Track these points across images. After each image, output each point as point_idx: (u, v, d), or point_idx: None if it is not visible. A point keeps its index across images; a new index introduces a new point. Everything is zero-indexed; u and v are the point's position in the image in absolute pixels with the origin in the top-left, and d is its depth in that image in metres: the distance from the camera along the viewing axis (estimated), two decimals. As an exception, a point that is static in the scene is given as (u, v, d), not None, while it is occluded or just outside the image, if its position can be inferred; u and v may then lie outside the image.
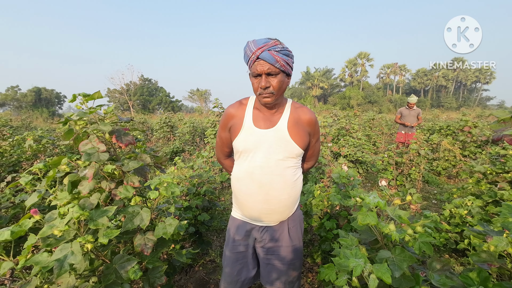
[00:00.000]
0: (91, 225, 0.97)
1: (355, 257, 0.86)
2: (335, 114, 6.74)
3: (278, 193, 1.06)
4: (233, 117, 1.10)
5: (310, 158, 1.27)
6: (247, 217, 1.14)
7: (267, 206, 1.07)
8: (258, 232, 1.14)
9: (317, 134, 1.16)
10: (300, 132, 1.06)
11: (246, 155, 1.07)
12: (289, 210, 1.12)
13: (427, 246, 0.89)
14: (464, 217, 2.17)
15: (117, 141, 1.09)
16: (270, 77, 0.97)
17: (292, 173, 1.08)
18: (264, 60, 0.94)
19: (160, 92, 41.95)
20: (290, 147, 1.05)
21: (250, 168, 1.06)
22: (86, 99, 1.07)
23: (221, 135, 1.17)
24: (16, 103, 37.05)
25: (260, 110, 1.08)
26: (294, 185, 1.09)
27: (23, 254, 0.93)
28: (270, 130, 1.04)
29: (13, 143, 3.58)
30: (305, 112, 1.09)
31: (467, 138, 5.10)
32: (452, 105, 43.01)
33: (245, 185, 1.08)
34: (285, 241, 1.14)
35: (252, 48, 0.95)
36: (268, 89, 0.97)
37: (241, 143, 1.06)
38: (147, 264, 1.14)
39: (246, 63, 1.00)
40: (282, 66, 0.95)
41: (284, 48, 0.96)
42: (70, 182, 1.11)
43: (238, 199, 1.14)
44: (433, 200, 3.86)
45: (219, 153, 1.25)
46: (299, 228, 1.19)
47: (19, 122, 10.91)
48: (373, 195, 0.98)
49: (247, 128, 1.06)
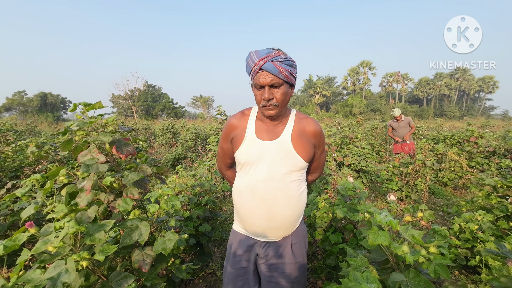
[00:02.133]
0: (87, 241, 0.92)
1: (366, 281, 0.80)
2: (338, 122, 6.70)
3: (281, 209, 1.01)
4: (235, 128, 1.07)
5: (315, 171, 1.22)
6: (249, 232, 1.10)
7: (270, 222, 1.02)
8: (260, 247, 1.09)
9: (322, 146, 1.12)
10: (304, 144, 1.02)
11: (248, 168, 1.03)
12: (292, 226, 1.07)
13: (443, 269, 0.84)
14: (474, 232, 2.09)
15: (117, 152, 1.05)
16: (274, 89, 0.94)
17: (296, 187, 1.04)
18: (267, 71, 0.91)
19: (163, 98, 42.38)
20: (294, 160, 1.01)
21: (252, 181, 1.02)
22: (87, 108, 1.05)
23: (223, 146, 1.14)
24: (22, 108, 37.60)
25: (263, 121, 1.05)
26: (298, 200, 1.05)
27: (15, 270, 0.88)
28: (273, 142, 1.01)
29: (16, 148, 3.58)
30: (310, 123, 1.05)
31: (474, 148, 5.01)
32: (455, 114, 42.81)
33: (246, 199, 1.04)
34: (288, 257, 1.08)
35: (255, 59, 0.93)
36: (271, 101, 0.95)
37: (243, 155, 1.03)
38: (145, 281, 1.09)
39: (249, 74, 0.98)
40: (286, 77, 0.92)
41: (287, 58, 0.94)
42: (68, 193, 1.08)
43: (239, 214, 1.10)
44: (440, 212, 3.75)
45: (221, 164, 1.22)
46: (302, 244, 1.14)
47: (23, 127, 11.01)
48: (385, 213, 0.93)
49: (250, 140, 1.02)
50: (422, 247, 0.91)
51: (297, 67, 1.01)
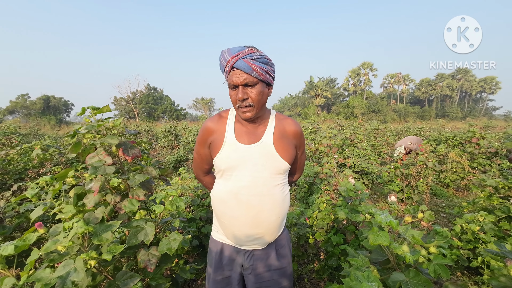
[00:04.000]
0: (95, 240, 0.95)
1: (367, 280, 0.82)
2: (339, 124, 6.71)
3: (267, 214, 0.97)
4: (213, 132, 1.00)
5: (297, 171, 1.19)
6: (232, 241, 1.04)
7: (256, 230, 0.98)
8: (244, 257, 1.04)
9: (302, 146, 1.09)
10: (286, 146, 0.99)
11: (230, 174, 0.97)
12: (277, 231, 1.04)
13: (443, 269, 0.85)
14: (476, 233, 2.10)
15: (123, 154, 1.08)
16: (248, 88, 0.89)
17: (281, 191, 1.00)
18: (240, 70, 0.86)
19: (165, 100, 42.57)
20: (278, 163, 0.97)
21: (235, 188, 0.96)
22: (95, 112, 1.08)
23: (200, 152, 1.07)
24: (25, 111, 37.90)
25: (242, 123, 1.00)
26: (283, 204, 1.01)
27: (26, 270, 0.91)
28: (255, 145, 0.96)
29: (20, 151, 3.63)
30: (290, 124, 1.02)
31: (475, 149, 5.00)
32: (457, 115, 42.64)
33: (230, 207, 0.98)
34: (274, 265, 1.05)
35: (226, 57, 0.88)
36: (246, 101, 0.90)
37: (223, 160, 0.97)
38: (150, 281, 1.11)
39: (223, 73, 0.93)
40: (260, 75, 0.88)
41: (262, 56, 0.89)
42: (76, 194, 1.10)
43: (221, 222, 1.03)
44: (441, 214, 3.75)
45: (197, 170, 1.14)
46: (287, 249, 1.10)
47: (27, 130, 11.11)
48: (385, 214, 0.94)
49: (230, 144, 0.97)
50: (422, 247, 0.92)
51: (274, 66, 0.96)
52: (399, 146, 5.37)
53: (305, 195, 3.63)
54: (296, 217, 2.16)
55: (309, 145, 4.51)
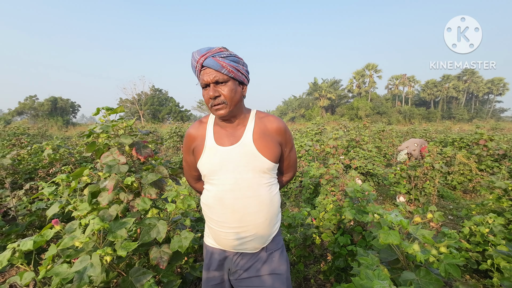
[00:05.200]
0: (110, 237, 0.98)
1: (377, 278, 0.83)
2: (344, 125, 6.69)
3: (253, 217, 0.94)
4: (195, 139, 1.01)
5: (288, 170, 1.16)
6: (220, 245, 1.02)
7: (244, 234, 0.95)
8: (232, 261, 1.01)
9: (289, 143, 1.06)
10: (269, 144, 0.96)
11: (212, 178, 0.96)
12: (267, 235, 0.99)
13: (454, 268, 0.86)
14: (485, 235, 2.07)
15: (136, 154, 1.11)
16: (219, 86, 0.89)
17: (267, 191, 0.97)
18: (209, 68, 0.87)
19: (170, 102, 42.93)
20: (259, 162, 0.94)
21: (219, 193, 0.95)
22: (109, 112, 1.11)
23: (186, 159, 1.09)
24: (33, 112, 38.62)
25: (221, 126, 0.98)
26: (270, 204, 0.98)
27: (44, 264, 0.94)
28: (235, 147, 0.94)
29: (31, 151, 3.71)
30: (272, 121, 0.99)
31: (483, 151, 4.94)
32: (464, 117, 42.03)
33: (216, 212, 0.97)
34: (265, 271, 0.99)
35: (196, 57, 0.89)
36: (218, 99, 0.89)
37: (205, 165, 0.96)
38: (162, 278, 1.13)
39: (195, 74, 0.93)
40: (231, 72, 0.88)
41: (232, 54, 0.90)
42: (90, 193, 1.14)
43: (210, 228, 1.03)
44: (449, 216, 3.71)
45: (188, 177, 1.15)
46: (282, 255, 1.04)
47: (35, 130, 11.33)
48: (395, 213, 0.95)
49: (210, 148, 0.96)
50: (433, 247, 0.93)
51: (247, 66, 0.95)
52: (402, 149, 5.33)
53: (310, 196, 3.62)
54: (303, 218, 2.17)
55: (315, 146, 4.51)
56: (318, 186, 3.49)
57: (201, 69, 0.89)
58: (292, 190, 4.26)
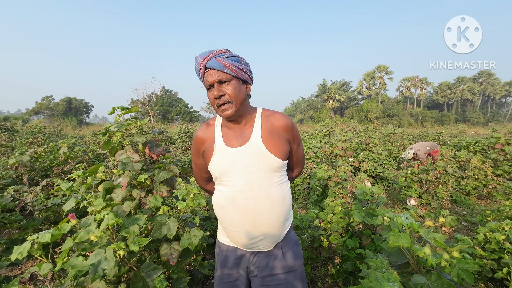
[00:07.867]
0: (123, 232, 1.01)
1: (387, 281, 0.82)
2: (353, 127, 6.61)
3: (265, 216, 0.95)
4: (204, 142, 1.01)
5: (297, 165, 1.16)
6: (235, 244, 1.03)
7: (256, 233, 0.97)
8: (249, 260, 1.02)
9: (297, 139, 1.06)
10: (277, 142, 0.96)
11: (224, 179, 0.97)
12: (279, 232, 1.00)
13: (467, 273, 0.84)
14: (501, 242, 2.00)
15: (149, 152, 1.14)
16: (223, 85, 0.90)
17: (279, 189, 0.98)
18: (212, 69, 0.89)
19: (179, 103, 43.60)
20: (270, 161, 0.94)
21: (231, 194, 0.96)
22: (124, 112, 1.15)
23: (196, 162, 1.09)
24: (49, 112, 40.07)
25: (229, 127, 0.99)
26: (283, 202, 0.99)
27: (61, 257, 0.98)
28: (244, 147, 0.95)
29: (47, 149, 3.87)
30: (278, 118, 0.99)
31: (500, 156, 4.76)
32: (479, 120, 40.63)
33: (228, 213, 0.98)
34: (281, 267, 1.01)
35: (199, 60, 0.91)
36: (223, 98, 0.90)
37: (216, 167, 0.97)
38: (172, 274, 1.15)
39: (199, 78, 0.95)
40: (233, 71, 0.89)
41: (233, 55, 0.92)
42: (105, 189, 1.18)
43: (223, 227, 1.04)
44: (462, 222, 3.59)
45: (199, 179, 1.16)
46: (297, 251, 1.06)
47: (51, 130, 11.76)
48: (406, 216, 0.94)
49: (220, 150, 0.97)
50: (445, 251, 0.91)
51: (250, 66, 0.96)
52: (410, 149, 5.23)
53: (318, 198, 3.60)
54: (310, 220, 2.16)
55: (323, 148, 4.47)
56: (326, 188, 3.46)
57: (204, 71, 0.91)
58: (299, 192, 4.24)
